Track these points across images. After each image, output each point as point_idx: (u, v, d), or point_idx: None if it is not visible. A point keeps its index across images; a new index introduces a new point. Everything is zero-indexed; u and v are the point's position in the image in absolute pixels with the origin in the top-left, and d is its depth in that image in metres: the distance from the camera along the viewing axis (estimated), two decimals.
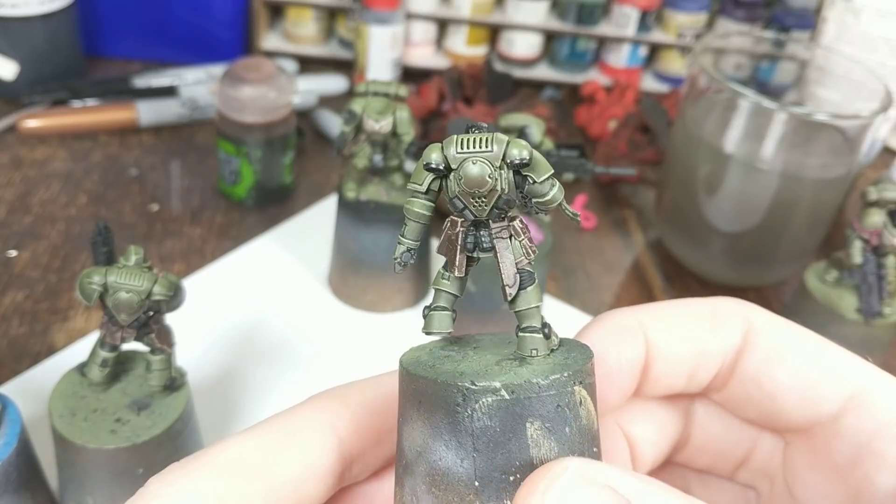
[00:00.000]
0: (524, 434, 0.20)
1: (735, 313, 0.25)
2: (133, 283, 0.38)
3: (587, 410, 0.21)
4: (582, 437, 0.20)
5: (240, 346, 0.57)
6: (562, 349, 0.22)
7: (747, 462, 0.27)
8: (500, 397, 0.20)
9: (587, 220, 0.77)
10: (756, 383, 0.25)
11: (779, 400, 0.24)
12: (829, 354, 0.24)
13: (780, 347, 0.24)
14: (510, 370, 0.20)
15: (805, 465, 0.25)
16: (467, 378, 0.20)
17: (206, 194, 0.73)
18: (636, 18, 0.95)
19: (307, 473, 0.21)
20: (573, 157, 0.56)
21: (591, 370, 0.21)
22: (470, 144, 0.20)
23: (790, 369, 0.24)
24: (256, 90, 0.67)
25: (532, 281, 0.21)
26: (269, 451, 0.21)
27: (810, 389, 0.24)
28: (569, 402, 0.20)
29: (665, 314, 0.25)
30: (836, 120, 0.61)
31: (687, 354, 0.25)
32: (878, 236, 0.55)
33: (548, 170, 0.20)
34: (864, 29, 0.84)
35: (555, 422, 0.20)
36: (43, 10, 0.79)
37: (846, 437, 0.23)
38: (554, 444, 0.20)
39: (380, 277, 0.61)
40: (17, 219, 0.67)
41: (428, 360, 0.22)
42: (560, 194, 0.21)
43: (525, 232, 0.21)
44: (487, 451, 0.20)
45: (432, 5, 0.93)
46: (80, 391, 0.41)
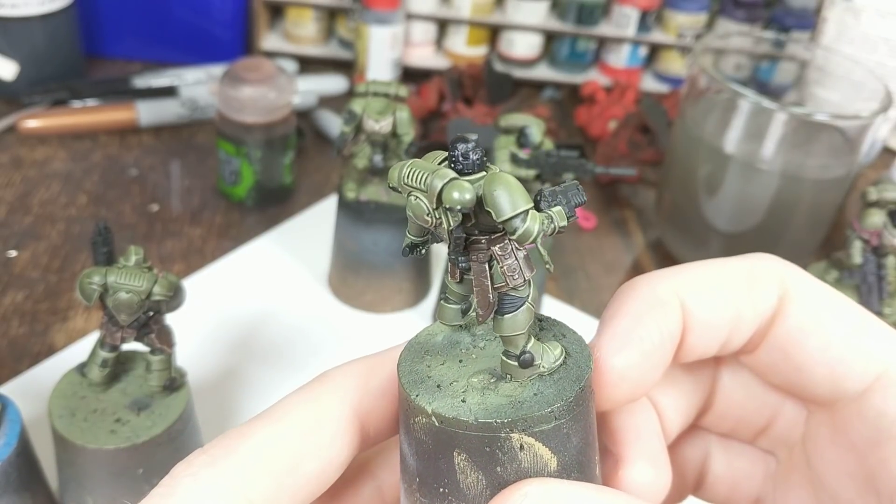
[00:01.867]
0: (451, 460, 0.20)
1: (772, 275, 0.24)
2: (133, 284, 0.38)
3: (534, 456, 0.20)
4: (520, 478, 0.20)
5: (240, 346, 0.57)
6: (555, 376, 0.21)
7: (769, 429, 0.27)
8: (430, 422, 0.20)
9: (587, 221, 0.77)
10: (785, 353, 0.24)
11: (806, 372, 0.24)
12: (864, 328, 0.23)
13: (813, 318, 0.24)
14: (467, 393, 0.20)
15: (825, 439, 0.25)
16: (421, 388, 0.21)
17: (206, 194, 0.73)
18: (636, 19, 0.95)
19: (330, 467, 0.21)
20: (573, 157, 0.56)
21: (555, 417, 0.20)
22: (411, 177, 0.19)
23: (821, 342, 0.23)
24: (256, 90, 0.67)
25: (513, 307, 0.20)
26: (294, 447, 0.21)
27: (839, 365, 0.23)
28: (501, 446, 0.20)
29: (701, 278, 0.24)
30: (836, 120, 0.61)
31: (723, 321, 0.24)
32: (878, 236, 0.55)
33: (514, 207, 0.18)
34: (864, 29, 0.84)
35: (483, 459, 0.20)
36: (43, 10, 0.79)
37: (868, 418, 0.23)
38: (482, 477, 0.20)
39: (380, 278, 0.61)
40: (17, 219, 0.67)
41: (430, 344, 0.23)
42: (531, 231, 0.19)
43: (508, 257, 0.20)
44: (423, 459, 0.21)
45: (432, 5, 0.93)
46: (79, 391, 0.41)
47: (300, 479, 0.20)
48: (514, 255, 0.20)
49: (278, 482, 0.20)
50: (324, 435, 0.21)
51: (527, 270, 0.20)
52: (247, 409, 0.52)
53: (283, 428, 0.21)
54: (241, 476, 0.20)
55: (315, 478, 0.21)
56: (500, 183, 0.18)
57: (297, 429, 0.21)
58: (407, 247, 0.21)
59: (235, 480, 0.20)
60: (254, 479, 0.20)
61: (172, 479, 0.20)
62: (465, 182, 0.18)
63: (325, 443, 0.21)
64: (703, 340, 0.24)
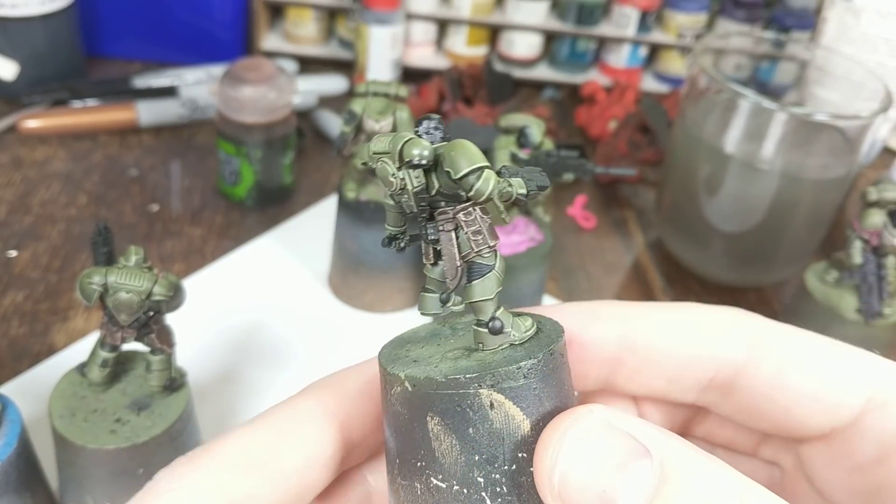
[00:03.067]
0: (425, 427, 0.21)
1: (738, 325, 0.24)
2: (133, 284, 0.38)
3: (505, 415, 0.20)
4: (494, 439, 0.20)
5: (240, 346, 0.57)
6: (526, 345, 0.21)
7: (768, 440, 0.27)
8: (405, 388, 0.21)
9: (587, 221, 0.77)
10: (767, 398, 0.24)
11: (793, 411, 0.24)
12: (843, 359, 0.24)
13: (790, 358, 0.24)
14: (441, 363, 0.21)
15: (824, 463, 0.25)
16: (396, 363, 0.21)
17: (206, 194, 0.73)
18: (636, 19, 0.95)
19: (310, 463, 0.21)
20: (573, 157, 0.56)
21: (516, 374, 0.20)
22: (377, 145, 0.20)
23: (804, 380, 0.24)
24: (256, 90, 0.67)
25: (480, 274, 0.21)
26: (272, 444, 0.21)
27: (827, 399, 0.23)
28: (471, 403, 0.20)
29: (650, 312, 0.25)
30: (836, 120, 0.61)
31: (667, 355, 0.24)
32: (878, 237, 0.55)
33: (470, 163, 0.19)
34: (864, 29, 0.84)
35: (455, 420, 0.20)
36: (43, 10, 0.79)
37: (868, 438, 0.23)
38: (455, 441, 0.20)
39: (380, 277, 0.61)
40: (17, 219, 0.67)
41: (412, 337, 0.24)
42: (485, 187, 0.19)
43: (472, 224, 0.21)
44: (400, 434, 0.21)
45: (432, 5, 0.93)
46: (80, 391, 0.41)
47: (281, 476, 0.21)
48: (478, 223, 0.21)
49: (259, 479, 0.20)
50: (301, 433, 0.22)
51: (491, 238, 0.21)
52: (247, 409, 0.52)
53: (262, 430, 0.21)
54: (222, 475, 0.20)
55: (296, 474, 0.21)
56: (458, 145, 0.20)
57: (274, 429, 0.21)
58: (386, 238, 0.22)
59: (216, 479, 0.20)
60: (235, 477, 0.20)
61: (155, 483, 0.20)
62: (423, 140, 0.20)
63: (303, 441, 0.21)
64: (645, 369, 0.25)
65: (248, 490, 0.20)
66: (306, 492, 0.22)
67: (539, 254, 0.57)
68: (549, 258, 0.58)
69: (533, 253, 0.56)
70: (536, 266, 0.57)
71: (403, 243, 0.22)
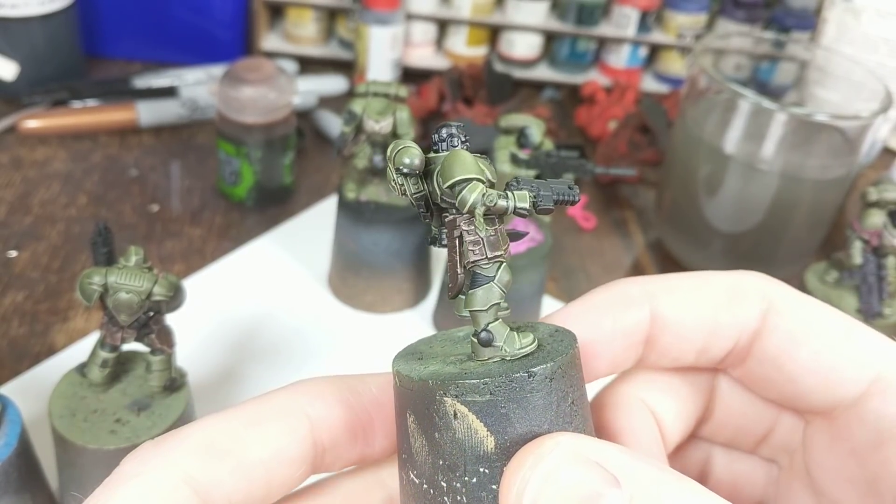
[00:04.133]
0: (406, 422, 0.21)
1: (755, 290, 0.24)
2: (133, 284, 0.38)
3: (468, 428, 0.20)
4: (455, 450, 0.20)
5: (240, 346, 0.57)
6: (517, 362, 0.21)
7: (768, 438, 0.27)
8: (395, 383, 0.22)
9: (587, 221, 0.77)
10: (776, 365, 0.24)
11: (799, 382, 0.24)
12: (854, 335, 0.24)
13: (802, 328, 0.24)
14: (433, 364, 0.22)
15: (823, 446, 0.25)
16: (401, 359, 0.22)
17: (206, 195, 0.73)
18: (636, 19, 0.95)
19: (279, 457, 0.21)
20: (573, 157, 0.56)
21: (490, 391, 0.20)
22: (388, 151, 0.21)
23: (812, 352, 0.24)
24: (256, 91, 0.67)
25: (478, 284, 0.21)
26: (241, 433, 0.21)
27: (832, 372, 0.23)
28: (437, 409, 0.20)
29: (677, 285, 0.25)
30: (837, 120, 0.61)
31: (697, 328, 0.24)
32: (878, 237, 0.55)
33: (458, 174, 0.20)
34: (865, 29, 0.84)
35: (424, 422, 0.21)
36: (43, 10, 0.79)
37: (868, 421, 0.23)
38: (425, 442, 0.21)
39: (380, 278, 0.61)
40: (17, 219, 0.67)
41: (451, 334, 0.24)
42: (468, 197, 0.20)
43: (471, 234, 0.21)
44: (396, 426, 0.22)
45: (432, 6, 0.93)
46: (80, 392, 0.41)
47: (247, 466, 0.21)
48: (476, 233, 0.21)
49: (224, 467, 0.20)
50: (269, 427, 0.22)
51: (490, 249, 0.21)
52: None
53: (231, 419, 0.21)
54: (188, 460, 0.20)
55: (262, 466, 0.21)
56: (454, 155, 0.20)
57: (243, 420, 0.21)
58: (431, 238, 0.22)
59: (181, 464, 0.20)
60: (200, 463, 0.20)
61: (121, 468, 0.20)
62: (414, 149, 0.20)
63: (270, 434, 0.21)
64: (677, 345, 0.25)
65: (213, 477, 0.20)
66: (273, 487, 0.21)
67: (539, 254, 0.57)
68: (549, 258, 0.58)
69: (533, 253, 0.56)
70: (536, 266, 0.57)
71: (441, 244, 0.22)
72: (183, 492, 0.20)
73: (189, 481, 0.20)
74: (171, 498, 0.19)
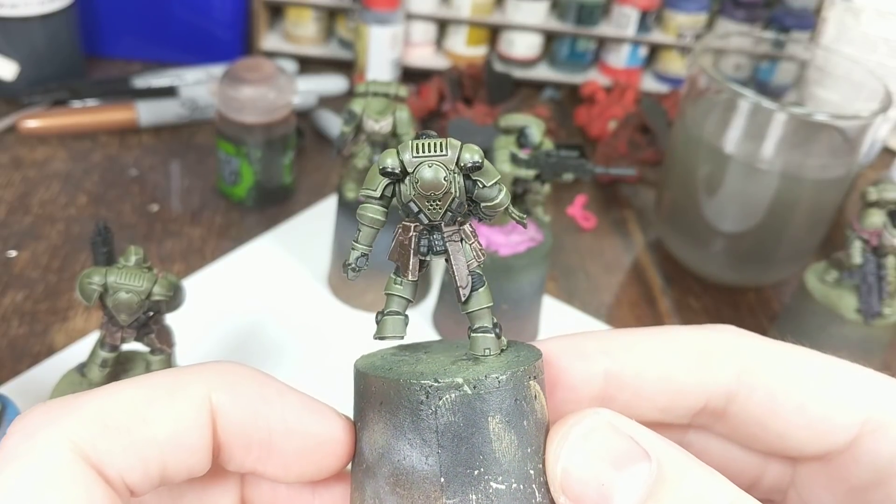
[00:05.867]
0: (486, 428, 0.21)
1: (725, 349, 0.24)
2: (133, 284, 0.38)
3: (541, 404, 0.22)
4: (538, 430, 0.21)
5: (240, 346, 0.57)
6: (511, 349, 0.23)
7: (758, 484, 0.26)
8: (463, 392, 0.20)
9: (587, 221, 0.77)
10: (761, 423, 0.24)
11: (788, 436, 0.24)
12: (836, 379, 0.23)
13: (782, 383, 0.23)
14: (468, 368, 0.21)
15: (820, 486, 0.25)
16: (429, 376, 0.21)
17: (205, 194, 0.73)
18: (636, 19, 0.95)
19: (176, 440, 0.20)
20: (573, 157, 0.56)
21: (541, 367, 0.22)
22: (425, 149, 0.21)
23: (797, 405, 0.23)
24: (256, 90, 0.67)
25: (482, 283, 0.22)
26: (139, 408, 0.20)
27: (821, 423, 0.23)
28: (525, 395, 0.21)
29: (637, 342, 0.24)
30: (836, 120, 0.61)
31: (658, 388, 0.24)
32: (877, 237, 0.55)
33: (496, 175, 0.21)
34: (864, 29, 0.84)
35: (513, 415, 0.21)
36: (43, 10, 0.79)
37: (863, 462, 0.23)
38: (514, 436, 0.21)
39: (379, 278, 0.60)
40: (17, 219, 0.67)
41: (383, 365, 0.23)
42: (507, 199, 0.22)
43: (475, 236, 0.22)
44: (452, 446, 0.20)
45: (432, 5, 0.93)
46: (79, 391, 0.41)
47: (144, 444, 0.20)
48: (475, 236, 0.23)
49: (119, 443, 0.19)
50: (171, 406, 0.20)
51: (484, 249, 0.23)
52: None
53: (130, 393, 0.20)
54: (80, 433, 0.19)
55: (159, 447, 0.20)
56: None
57: (144, 395, 0.20)
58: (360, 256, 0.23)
59: (73, 437, 0.19)
60: (92, 437, 0.19)
61: (7, 441, 0.19)
62: (475, 147, 0.21)
63: (171, 415, 0.20)
64: (637, 402, 0.24)
65: (105, 452, 0.19)
66: (170, 471, 0.20)
67: (539, 254, 0.57)
68: (548, 258, 0.58)
69: (533, 253, 0.56)
70: (536, 266, 0.57)
71: (367, 265, 0.23)
72: (77, 467, 0.18)
73: (81, 455, 0.18)
74: (64, 475, 0.18)
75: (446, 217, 0.22)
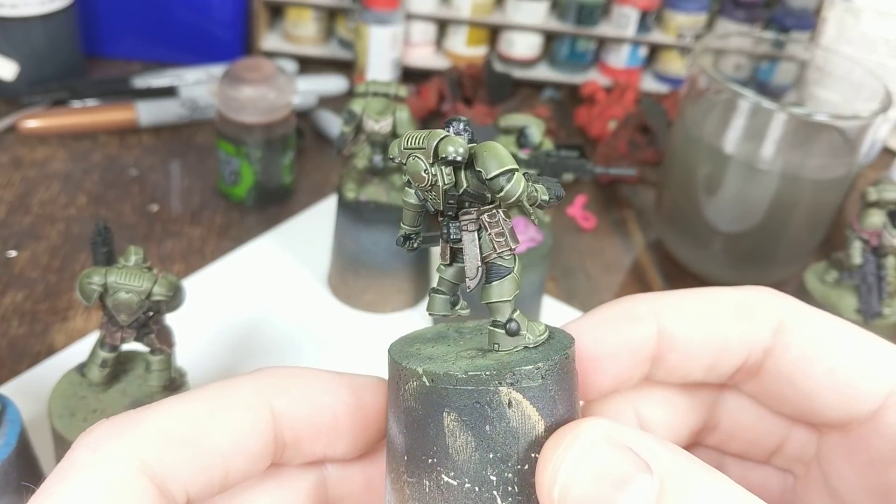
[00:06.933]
0: (441, 422, 0.21)
1: (765, 307, 0.24)
2: (133, 284, 0.38)
3: (522, 415, 0.20)
4: (511, 438, 0.20)
5: (240, 346, 0.57)
6: (540, 348, 0.22)
7: (781, 450, 0.27)
8: (422, 383, 0.21)
9: (587, 221, 0.77)
10: (790, 382, 0.24)
11: (814, 398, 0.24)
12: (867, 349, 0.24)
13: (815, 344, 0.24)
14: (457, 361, 0.21)
15: (840, 458, 0.25)
16: (409, 360, 0.22)
17: (205, 194, 0.73)
18: (636, 19, 0.95)
19: (238, 448, 0.21)
20: (573, 157, 0.56)
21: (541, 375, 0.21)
22: (412, 141, 0.21)
23: (826, 367, 0.23)
24: (256, 90, 0.67)
25: (500, 276, 0.21)
26: (201, 420, 0.20)
27: (848, 387, 0.23)
28: (491, 401, 0.20)
29: (684, 302, 0.25)
30: (836, 120, 0.61)
31: (705, 345, 0.24)
32: (877, 237, 0.55)
33: (501, 165, 0.20)
34: (864, 29, 0.84)
35: (473, 417, 0.20)
36: (42, 10, 0.79)
37: (885, 434, 0.23)
38: (471, 438, 0.20)
39: (379, 278, 0.61)
40: (17, 219, 0.67)
41: (413, 339, 0.24)
42: (516, 189, 0.20)
43: (496, 226, 0.21)
44: (412, 430, 0.21)
45: (432, 6, 0.93)
46: (79, 391, 0.41)
47: (206, 457, 0.20)
48: (501, 225, 0.21)
49: (181, 456, 0.20)
50: (232, 417, 0.21)
51: (512, 240, 0.21)
52: None
53: (191, 406, 0.21)
54: (144, 447, 0.19)
55: (221, 457, 0.20)
56: (490, 146, 0.20)
57: (205, 407, 0.21)
58: (401, 237, 0.23)
59: (138, 452, 0.19)
60: (156, 451, 0.19)
61: (73, 454, 0.19)
62: (458, 139, 0.20)
63: (233, 425, 0.21)
64: (685, 363, 0.24)
65: (170, 466, 0.19)
66: (230, 479, 0.21)
67: (539, 254, 0.57)
68: (548, 258, 0.58)
69: (533, 253, 0.56)
70: (536, 266, 0.57)
71: (416, 243, 0.23)
72: (140, 483, 0.19)
73: (145, 469, 0.19)
74: (126, 489, 0.19)
75: (450, 207, 0.21)
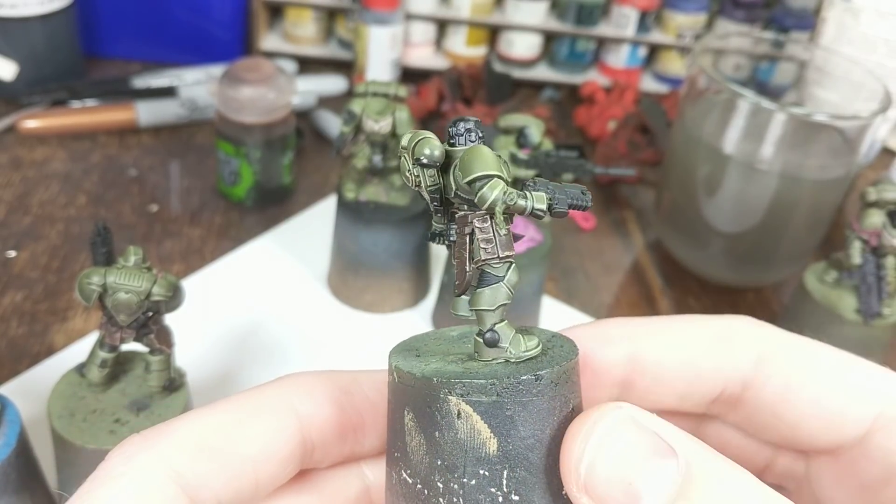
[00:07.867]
0: (403, 420, 0.21)
1: (745, 337, 0.24)
2: (132, 284, 0.38)
3: (471, 429, 0.20)
4: (458, 450, 0.20)
5: (239, 347, 0.57)
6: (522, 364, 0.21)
7: (770, 469, 0.27)
8: (392, 378, 0.21)
9: (586, 221, 0.77)
10: (774, 413, 0.24)
11: (801, 427, 0.24)
12: (851, 374, 0.23)
13: (798, 373, 0.24)
14: (434, 363, 0.21)
15: (831, 481, 0.25)
16: (398, 354, 0.22)
17: (205, 195, 0.73)
18: (635, 19, 0.95)
19: (267, 454, 0.21)
20: (572, 157, 0.56)
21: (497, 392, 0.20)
22: (406, 141, 0.21)
23: (811, 396, 0.23)
24: (256, 91, 0.67)
25: (486, 283, 0.21)
26: (230, 429, 0.21)
27: (834, 415, 0.23)
28: (440, 408, 0.20)
29: (661, 329, 0.24)
30: (836, 121, 0.61)
31: (677, 373, 0.24)
32: (877, 237, 0.55)
33: (478, 170, 0.19)
34: (864, 30, 0.84)
35: (424, 419, 0.20)
36: (42, 10, 0.79)
37: (875, 458, 0.23)
38: (423, 440, 0.20)
39: (379, 278, 0.61)
40: (17, 219, 0.67)
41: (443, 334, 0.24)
42: (488, 195, 0.19)
43: (485, 232, 0.20)
44: (389, 422, 0.22)
45: (432, 6, 0.93)
46: (79, 392, 0.41)
47: (236, 464, 0.21)
48: (490, 231, 0.20)
49: (213, 464, 0.20)
50: (261, 424, 0.21)
51: (503, 249, 0.20)
52: None
53: (221, 414, 0.21)
54: (176, 457, 0.20)
55: (252, 464, 0.21)
56: (476, 151, 0.20)
57: (234, 415, 0.21)
58: (431, 233, 0.22)
59: (170, 462, 0.20)
60: (188, 460, 0.20)
61: (106, 464, 0.20)
62: (435, 140, 0.20)
63: (262, 432, 0.21)
64: (656, 388, 0.24)
65: (201, 475, 0.20)
66: (261, 485, 0.21)
67: (538, 254, 0.57)
68: (548, 258, 0.58)
69: (532, 253, 0.56)
70: (536, 266, 0.57)
71: (446, 240, 0.22)
72: (171, 490, 0.19)
73: (177, 479, 0.19)
74: (158, 497, 0.19)
75: (439, 209, 0.21)
